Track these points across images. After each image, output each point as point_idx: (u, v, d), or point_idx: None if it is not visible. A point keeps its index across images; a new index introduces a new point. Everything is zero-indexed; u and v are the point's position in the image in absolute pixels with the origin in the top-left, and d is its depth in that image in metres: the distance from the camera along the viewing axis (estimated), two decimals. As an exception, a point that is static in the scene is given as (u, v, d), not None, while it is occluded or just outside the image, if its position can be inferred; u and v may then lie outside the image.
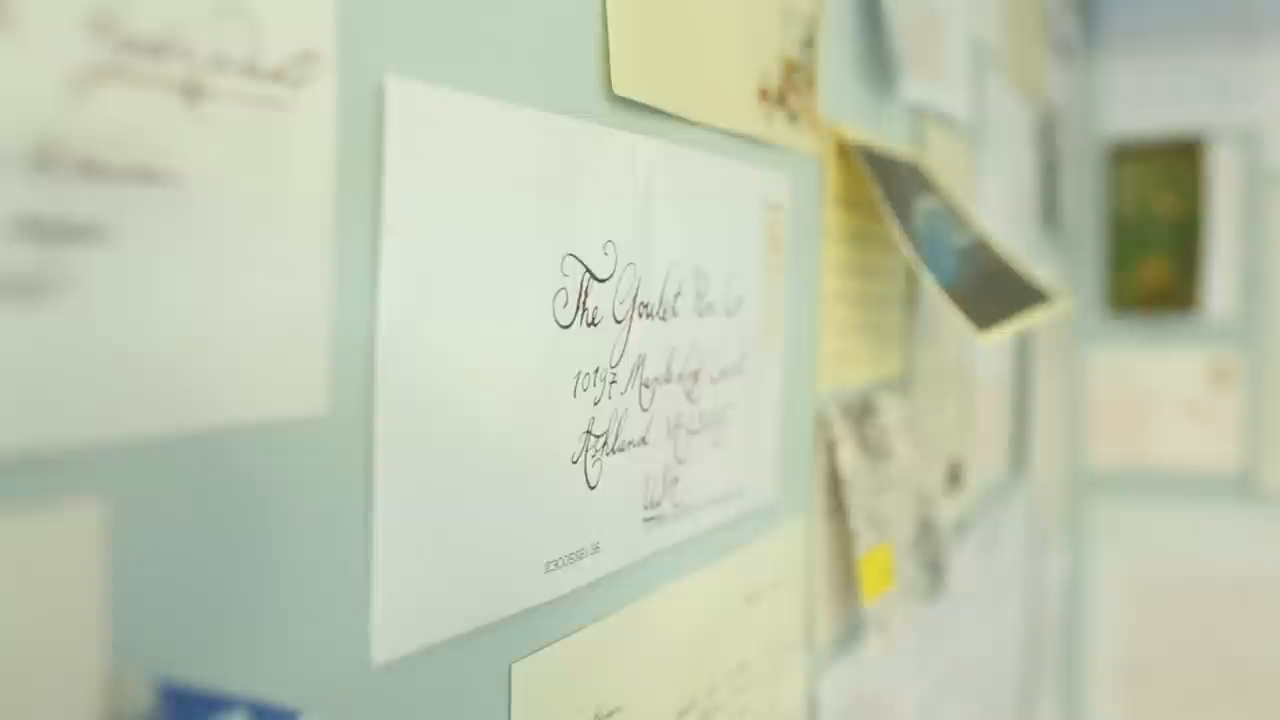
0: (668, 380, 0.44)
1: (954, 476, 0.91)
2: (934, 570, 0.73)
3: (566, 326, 0.37)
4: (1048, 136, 1.29)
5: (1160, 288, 1.60)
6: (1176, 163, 1.57)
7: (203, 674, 0.26)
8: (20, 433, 0.22)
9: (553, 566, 0.37)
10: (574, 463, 0.38)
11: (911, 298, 0.78)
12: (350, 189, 0.29)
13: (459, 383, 0.33)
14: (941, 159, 0.83)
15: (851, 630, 0.68)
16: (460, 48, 0.33)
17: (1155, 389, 1.61)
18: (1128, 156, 1.60)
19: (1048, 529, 1.43)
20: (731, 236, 0.50)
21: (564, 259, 0.37)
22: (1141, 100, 1.58)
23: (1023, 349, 1.21)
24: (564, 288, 0.37)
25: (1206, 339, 1.59)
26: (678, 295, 0.44)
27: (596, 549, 0.40)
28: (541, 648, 0.37)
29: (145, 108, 0.24)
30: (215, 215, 0.25)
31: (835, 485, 0.64)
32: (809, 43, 0.58)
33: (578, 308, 0.38)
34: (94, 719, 0.23)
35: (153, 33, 0.24)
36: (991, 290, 0.69)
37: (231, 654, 0.26)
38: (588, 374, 0.39)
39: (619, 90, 0.40)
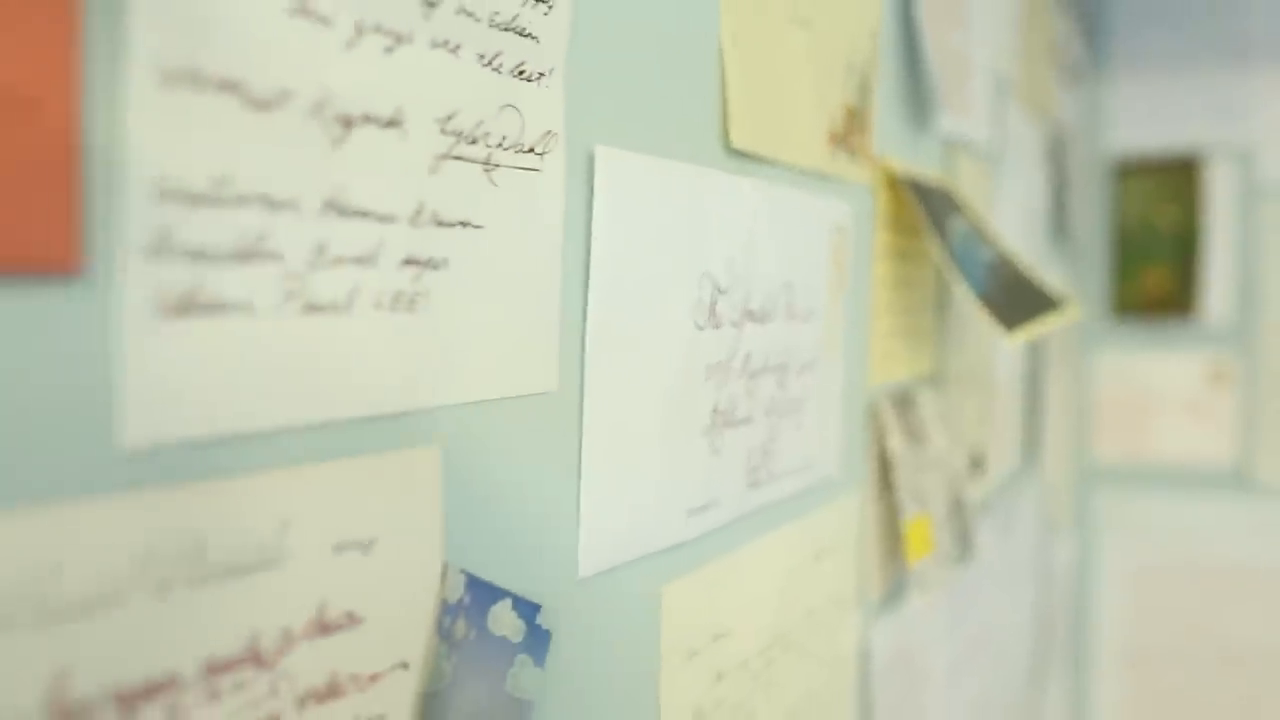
0: (766, 372, 0.55)
1: (976, 464, 1.02)
2: (964, 541, 0.84)
3: (701, 328, 0.48)
4: (1057, 155, 1.40)
5: (1161, 294, 1.71)
6: (1177, 178, 1.68)
7: (486, 572, 0.36)
8: (400, 400, 0.32)
9: (690, 514, 0.48)
10: (704, 434, 0.49)
11: (940, 306, 0.89)
12: (572, 226, 0.40)
13: (634, 369, 0.43)
14: (967, 182, 0.94)
15: (895, 591, 0.79)
16: (636, 122, 0.43)
17: (1156, 389, 1.72)
18: (1131, 172, 1.71)
19: (1056, 519, 1.54)
20: (809, 256, 0.60)
21: (700, 276, 0.48)
22: (1144, 120, 1.69)
23: (1034, 351, 1.32)
24: (699, 298, 0.48)
25: (1204, 342, 1.70)
26: (773, 304, 0.55)
27: (717, 503, 0.51)
28: (681, 576, 0.48)
29: (466, 177, 0.34)
30: (497, 248, 0.36)
31: (883, 466, 0.75)
32: (864, 90, 0.69)
33: (708, 314, 0.49)
34: (435, 597, 0.34)
35: (471, 126, 0.34)
36: (1014, 298, 0.80)
37: (500, 559, 0.37)
38: (713, 365, 0.49)
39: (735, 144, 0.51)
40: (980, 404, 1.03)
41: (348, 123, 0.30)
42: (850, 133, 0.67)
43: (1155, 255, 1.71)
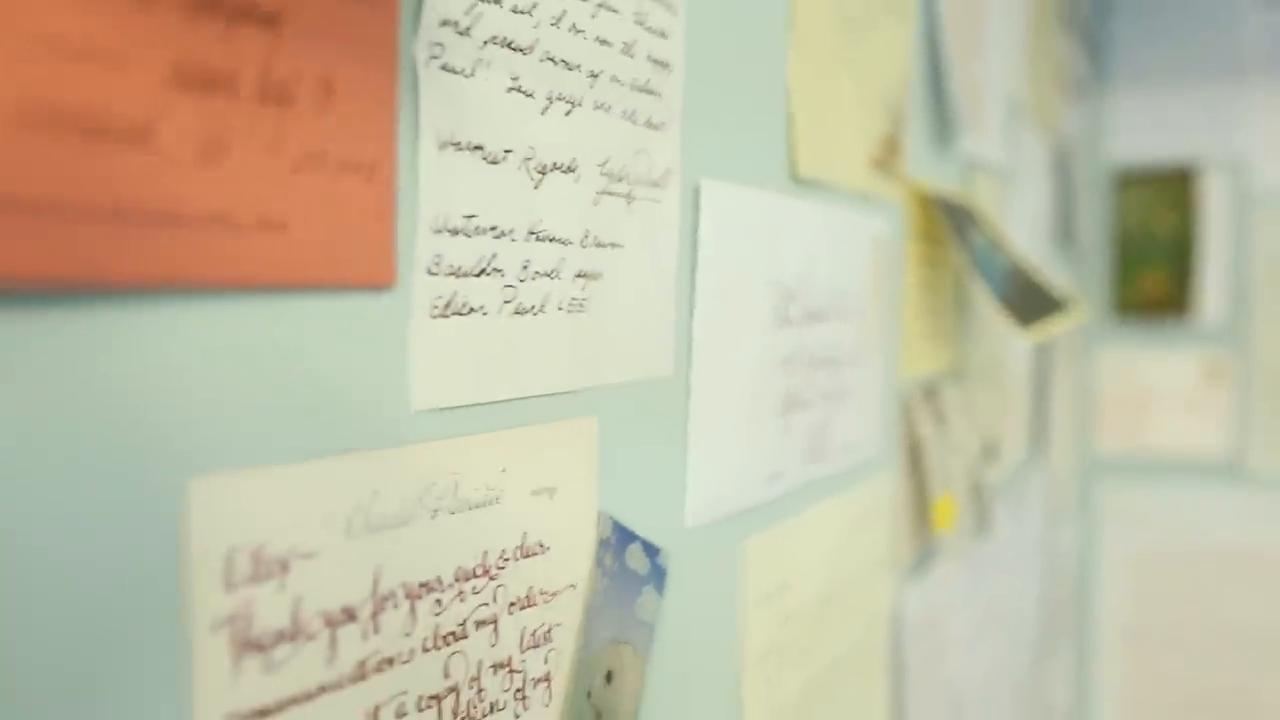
0: (822, 365, 0.65)
1: (990, 451, 1.11)
2: (982, 517, 0.93)
3: (775, 327, 0.58)
4: (1062, 166, 1.50)
5: (1160, 296, 1.81)
6: (1174, 187, 1.78)
7: (623, 518, 0.46)
8: (570, 381, 0.42)
9: (764, 481, 0.58)
10: (776, 415, 0.59)
11: (959, 308, 0.98)
12: (685, 246, 0.49)
13: (728, 359, 0.53)
14: (984, 196, 1.03)
15: (922, 560, 0.89)
16: (727, 157, 0.53)
17: (1155, 385, 1.82)
18: (1131, 182, 1.81)
19: (1061, 508, 1.64)
20: (855, 265, 0.70)
21: (774, 283, 0.57)
22: (1143, 133, 1.79)
23: (1042, 350, 1.42)
24: (774, 302, 0.57)
25: (1200, 341, 1.80)
26: (828, 307, 0.65)
27: (784, 474, 0.61)
28: (758, 533, 0.58)
29: (615, 208, 0.44)
30: (633, 263, 0.46)
31: (913, 449, 0.84)
32: (898, 120, 0.78)
33: (781, 315, 0.58)
34: (593, 535, 0.44)
35: (619, 168, 0.44)
36: (1028, 302, 0.90)
37: (632, 509, 0.47)
38: (784, 357, 0.59)
39: (801, 172, 0.60)
40: (994, 397, 1.13)
41: (543, 170, 0.39)
42: (887, 157, 0.76)
43: (1154, 259, 1.81)
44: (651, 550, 0.48)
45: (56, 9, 0.23)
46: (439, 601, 0.36)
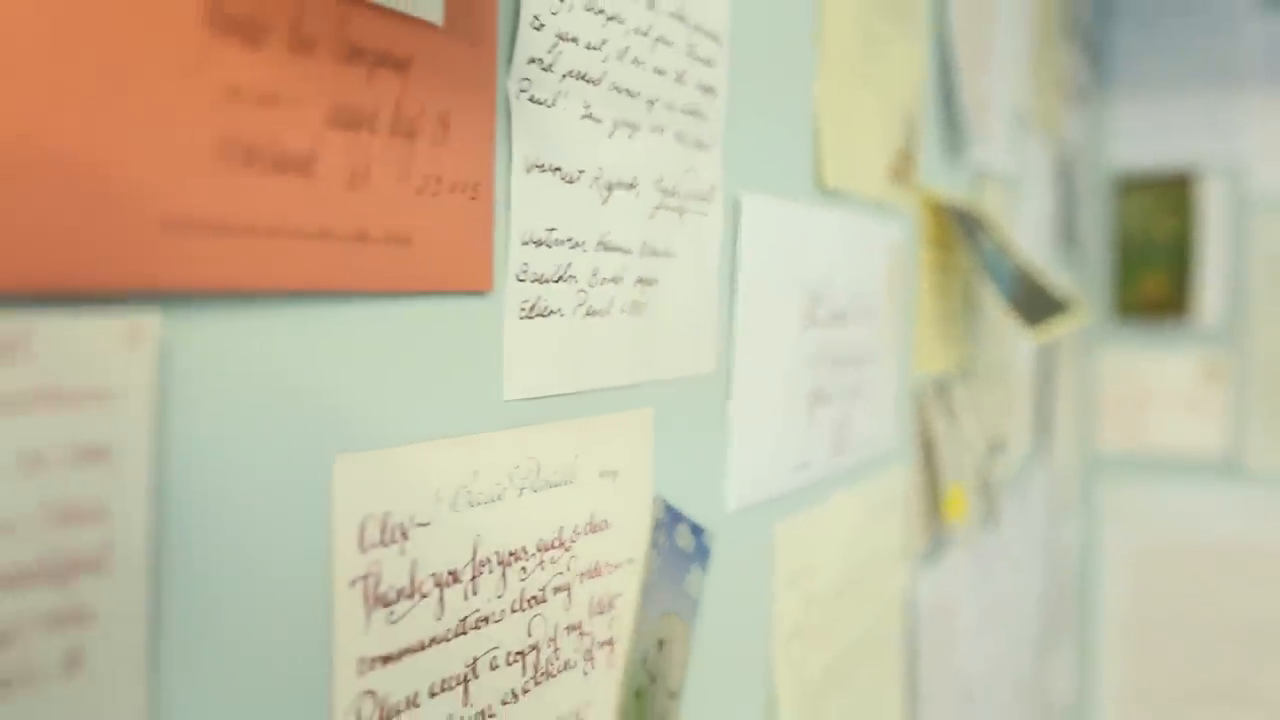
0: (844, 363, 0.69)
1: (996, 447, 1.16)
2: (989, 511, 0.98)
3: (804, 328, 0.62)
4: (1065, 172, 1.55)
5: (1159, 298, 1.86)
6: (1173, 192, 1.83)
7: (673, 500, 0.51)
8: (630, 375, 0.47)
9: (793, 470, 0.63)
10: (805, 410, 0.63)
11: (968, 310, 1.03)
12: (726, 254, 0.54)
13: (764, 357, 0.58)
14: (992, 203, 1.08)
15: (933, 549, 0.93)
16: (763, 172, 0.58)
17: (1155, 385, 1.86)
18: (1132, 187, 1.86)
19: (1063, 504, 1.68)
20: (872, 270, 0.75)
21: (803, 287, 0.62)
22: (1144, 139, 1.84)
23: (1046, 350, 1.46)
24: (803, 305, 0.62)
25: (1199, 342, 1.85)
26: (849, 309, 0.70)
27: (811, 464, 0.65)
28: (786, 518, 0.63)
29: (668, 221, 0.49)
30: (683, 270, 0.50)
31: (925, 444, 0.89)
32: (913, 134, 0.83)
33: (809, 317, 0.63)
34: (649, 515, 0.48)
35: (672, 185, 0.49)
36: (1035, 304, 0.95)
37: (680, 492, 0.52)
38: (811, 356, 0.64)
39: (828, 183, 0.65)
40: (1001, 395, 1.18)
41: (609, 188, 0.44)
42: (902, 168, 0.81)
43: (1154, 262, 1.85)
44: (697, 530, 0.53)
45: (244, 63, 0.28)
46: (524, 569, 0.40)
